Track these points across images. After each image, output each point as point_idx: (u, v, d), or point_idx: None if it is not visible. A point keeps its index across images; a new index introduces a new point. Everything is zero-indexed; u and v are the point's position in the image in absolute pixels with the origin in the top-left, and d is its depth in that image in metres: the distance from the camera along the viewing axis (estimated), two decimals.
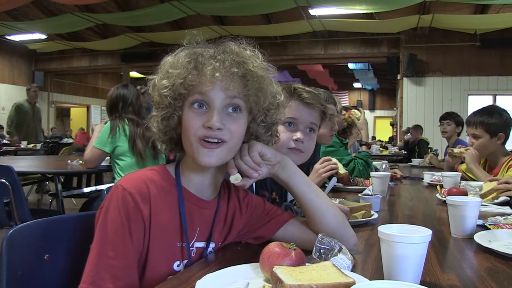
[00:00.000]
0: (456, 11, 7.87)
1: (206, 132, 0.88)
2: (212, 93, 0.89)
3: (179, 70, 0.90)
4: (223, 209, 1.01)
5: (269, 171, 0.97)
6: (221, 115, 0.89)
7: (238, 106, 0.91)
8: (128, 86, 3.03)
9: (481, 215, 1.29)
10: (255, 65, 0.92)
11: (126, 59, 11.41)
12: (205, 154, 0.88)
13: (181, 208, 0.93)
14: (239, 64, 0.90)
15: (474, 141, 2.45)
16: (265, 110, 0.95)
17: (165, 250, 0.90)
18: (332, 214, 1.00)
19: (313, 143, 1.40)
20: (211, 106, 0.89)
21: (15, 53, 11.88)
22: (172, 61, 0.93)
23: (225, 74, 0.89)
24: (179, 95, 0.91)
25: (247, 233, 1.06)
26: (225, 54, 0.91)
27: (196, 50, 0.93)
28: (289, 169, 0.99)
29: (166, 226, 0.90)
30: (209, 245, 0.98)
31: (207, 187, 0.99)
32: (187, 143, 0.91)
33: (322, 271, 0.75)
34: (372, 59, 10.75)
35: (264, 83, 0.94)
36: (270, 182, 1.43)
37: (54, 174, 3.27)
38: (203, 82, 0.89)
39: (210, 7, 7.92)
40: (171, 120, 0.93)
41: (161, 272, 0.90)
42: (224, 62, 0.89)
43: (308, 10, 7.80)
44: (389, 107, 17.74)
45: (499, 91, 8.88)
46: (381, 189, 1.96)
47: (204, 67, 0.89)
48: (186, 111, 0.91)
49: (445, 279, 0.85)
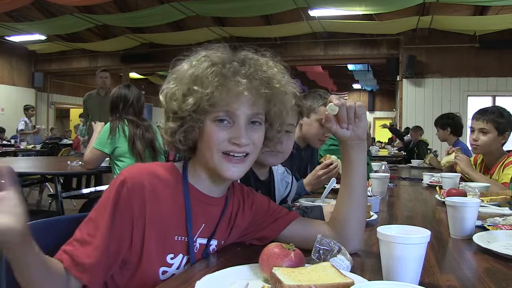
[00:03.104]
0: (455, 13, 7.87)
1: (232, 148, 0.89)
2: (239, 111, 0.89)
3: (206, 89, 0.88)
4: (229, 206, 1.02)
5: (351, 140, 0.95)
6: (246, 130, 0.90)
7: (260, 120, 0.93)
8: (130, 87, 3.03)
9: (480, 216, 1.29)
10: (282, 83, 0.94)
11: (126, 60, 11.41)
12: (229, 169, 0.90)
13: (187, 203, 0.93)
14: (267, 84, 0.91)
15: (481, 136, 2.45)
16: (282, 118, 0.98)
17: (159, 242, 0.90)
18: (363, 215, 1.02)
19: (291, 142, 1.44)
20: (236, 122, 0.89)
21: (15, 54, 11.87)
22: (194, 73, 0.90)
23: (252, 93, 0.89)
24: (201, 110, 0.89)
25: (251, 233, 1.06)
26: (250, 69, 0.90)
27: (216, 60, 0.90)
28: (363, 153, 0.99)
29: (165, 218, 0.90)
30: (211, 242, 0.98)
31: (219, 188, 1.00)
32: (209, 155, 0.91)
33: (321, 272, 0.76)
34: (372, 60, 10.75)
35: (286, 98, 0.96)
36: (254, 181, 1.44)
37: (54, 175, 3.26)
38: (230, 100, 0.88)
39: (210, 8, 7.92)
40: (193, 132, 0.93)
41: (153, 263, 0.90)
42: (251, 80, 0.89)
43: (308, 11, 7.81)
44: (388, 108, 17.74)
45: (498, 92, 8.87)
46: (381, 190, 1.96)
47: (231, 85, 0.88)
48: (209, 124, 0.90)
49: (444, 280, 0.85)
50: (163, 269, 0.91)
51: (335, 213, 1.03)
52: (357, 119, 0.92)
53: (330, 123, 0.92)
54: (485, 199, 1.74)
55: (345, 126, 0.92)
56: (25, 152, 6.94)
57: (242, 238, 1.07)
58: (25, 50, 11.52)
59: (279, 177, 1.62)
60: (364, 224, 1.03)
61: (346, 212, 1.00)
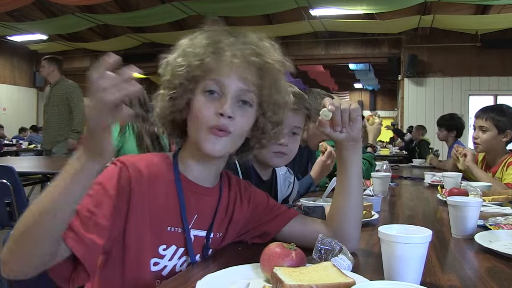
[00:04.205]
0: (457, 12, 7.86)
1: (217, 121, 0.87)
2: (228, 80, 0.88)
3: (197, 50, 0.89)
4: (224, 197, 1.01)
5: (346, 141, 0.94)
6: (233, 104, 0.88)
7: (250, 100, 0.91)
8: None
9: (481, 216, 1.29)
10: (273, 58, 0.92)
11: (127, 59, 11.28)
12: (211, 141, 0.88)
13: (179, 193, 0.92)
14: (258, 55, 0.90)
15: (481, 134, 2.45)
16: (275, 106, 0.95)
17: (152, 233, 0.88)
18: (358, 214, 1.02)
19: (296, 144, 1.44)
20: (225, 93, 0.88)
21: (16, 53, 11.89)
22: (190, 42, 0.92)
23: (243, 62, 0.88)
24: (192, 77, 0.89)
25: (252, 229, 1.05)
26: (245, 44, 0.90)
27: (215, 34, 0.91)
28: (358, 153, 0.98)
29: (159, 208, 0.89)
30: (210, 234, 0.97)
31: (207, 175, 0.98)
32: (195, 129, 0.90)
33: (323, 272, 0.76)
34: (373, 60, 10.75)
35: (279, 77, 0.94)
36: (256, 181, 1.44)
37: (55, 174, 3.26)
38: (221, 68, 0.88)
39: (212, 8, 7.92)
40: (179, 100, 0.91)
41: (144, 254, 0.88)
42: (244, 50, 0.88)
43: (309, 10, 7.81)
44: (390, 108, 17.72)
45: (500, 92, 8.87)
46: (382, 189, 1.96)
47: (224, 53, 0.88)
48: (198, 96, 0.90)
49: (446, 279, 0.85)
50: (154, 261, 0.89)
51: (331, 213, 1.03)
52: (352, 121, 0.91)
53: (323, 128, 0.91)
54: (486, 199, 1.73)
55: (339, 129, 0.91)
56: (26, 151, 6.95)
57: (242, 236, 1.06)
58: (26, 50, 11.53)
59: (281, 177, 1.62)
60: (360, 223, 1.03)
61: (342, 212, 1.00)
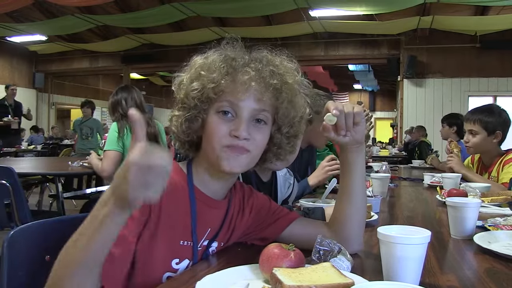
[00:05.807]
0: (456, 13, 7.87)
1: (232, 141, 0.87)
2: (243, 102, 0.87)
3: (213, 74, 0.88)
4: (231, 210, 1.01)
5: (350, 144, 0.93)
6: (248, 125, 0.88)
7: (265, 119, 0.91)
8: (128, 87, 3.03)
9: (480, 216, 1.29)
10: (293, 78, 0.92)
11: (126, 60, 11.42)
12: (229, 159, 0.87)
13: (193, 207, 0.91)
14: (277, 75, 0.89)
15: (471, 137, 2.45)
16: (291, 122, 0.95)
17: (165, 247, 0.88)
18: (362, 216, 1.02)
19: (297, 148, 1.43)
20: (239, 115, 0.88)
21: (15, 54, 11.88)
22: (204, 62, 0.91)
23: (260, 84, 0.87)
24: (206, 98, 0.89)
25: (253, 233, 1.05)
26: (261, 63, 0.89)
27: (229, 54, 0.90)
28: (362, 155, 0.98)
29: (173, 223, 0.88)
30: (212, 244, 0.97)
31: (220, 189, 0.98)
32: (210, 148, 0.89)
33: (322, 272, 0.76)
34: (373, 61, 10.75)
35: (295, 96, 0.94)
36: (256, 183, 1.44)
37: (55, 176, 3.26)
38: (235, 89, 0.87)
39: (211, 9, 7.93)
40: (195, 122, 0.91)
41: (157, 268, 0.88)
42: (261, 72, 0.87)
43: (309, 11, 7.82)
44: (389, 109, 17.73)
45: (499, 93, 8.87)
46: (381, 190, 1.96)
47: (239, 75, 0.87)
48: (212, 116, 0.89)
49: (445, 280, 0.85)
50: (168, 275, 0.88)
51: (334, 214, 1.03)
52: (356, 125, 0.90)
53: (328, 132, 0.91)
54: (485, 200, 1.74)
55: (344, 133, 0.90)
56: (26, 152, 6.95)
57: (243, 238, 1.06)
58: (26, 51, 11.53)
59: (281, 178, 1.62)
60: (363, 225, 1.03)
61: (345, 214, 1.00)
